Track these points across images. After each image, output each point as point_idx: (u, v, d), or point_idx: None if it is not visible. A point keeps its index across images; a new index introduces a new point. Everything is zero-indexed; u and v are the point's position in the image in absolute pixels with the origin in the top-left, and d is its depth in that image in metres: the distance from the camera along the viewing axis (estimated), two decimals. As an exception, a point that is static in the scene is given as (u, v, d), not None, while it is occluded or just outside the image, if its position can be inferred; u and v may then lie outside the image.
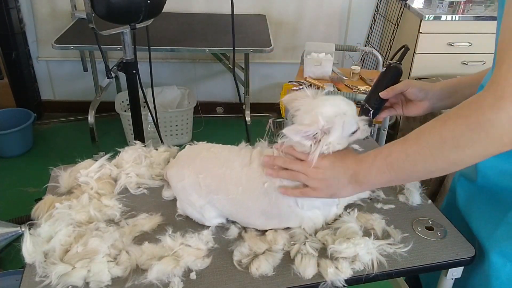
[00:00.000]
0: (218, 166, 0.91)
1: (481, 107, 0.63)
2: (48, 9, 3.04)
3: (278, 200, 0.87)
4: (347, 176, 0.80)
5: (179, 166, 0.95)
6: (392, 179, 0.76)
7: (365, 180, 0.78)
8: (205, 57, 3.19)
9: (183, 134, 2.98)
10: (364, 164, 0.78)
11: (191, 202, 0.92)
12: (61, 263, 0.79)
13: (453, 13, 2.72)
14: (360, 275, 0.82)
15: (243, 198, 0.88)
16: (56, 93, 3.38)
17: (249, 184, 0.88)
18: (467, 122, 0.64)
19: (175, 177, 0.95)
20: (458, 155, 0.67)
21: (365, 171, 0.78)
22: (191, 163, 0.94)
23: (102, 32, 1.70)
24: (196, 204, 0.91)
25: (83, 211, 0.92)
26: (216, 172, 0.90)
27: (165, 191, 1.02)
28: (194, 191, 0.91)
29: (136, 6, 1.54)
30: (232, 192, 0.88)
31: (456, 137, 0.65)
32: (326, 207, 0.91)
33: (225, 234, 0.92)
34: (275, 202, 0.88)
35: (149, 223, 0.93)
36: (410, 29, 2.79)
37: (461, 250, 0.88)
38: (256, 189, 0.88)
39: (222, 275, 0.82)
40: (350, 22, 3.21)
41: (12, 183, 2.60)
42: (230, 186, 0.89)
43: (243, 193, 0.88)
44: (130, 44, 1.75)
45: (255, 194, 0.88)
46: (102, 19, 1.57)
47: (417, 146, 0.70)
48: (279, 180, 0.87)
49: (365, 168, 0.78)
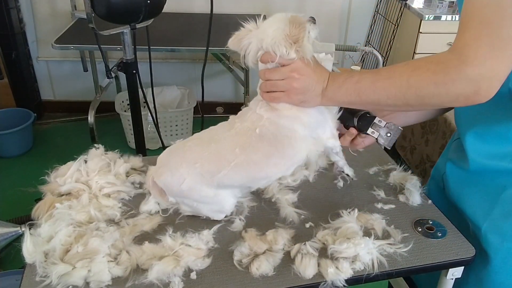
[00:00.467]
0: (206, 146, 0.90)
1: (447, 66, 0.72)
2: (48, 9, 3.04)
3: (276, 136, 0.88)
4: (320, 88, 0.86)
5: (170, 169, 0.90)
6: (355, 102, 0.84)
7: (333, 96, 0.86)
8: (205, 57, 3.19)
9: (183, 134, 2.98)
10: (335, 82, 0.85)
11: (204, 197, 0.90)
12: (61, 263, 0.79)
13: (453, 13, 2.72)
14: (360, 275, 0.82)
15: (245, 156, 0.88)
16: (56, 93, 3.38)
17: (242, 140, 0.88)
18: (433, 77, 0.73)
19: (173, 181, 0.89)
20: (416, 101, 0.77)
21: (334, 89, 0.85)
22: (181, 159, 0.90)
23: (102, 32, 1.70)
24: (210, 195, 0.89)
25: (83, 211, 0.92)
26: (208, 152, 0.89)
27: (145, 205, 0.96)
28: (201, 184, 0.89)
29: (136, 6, 1.54)
30: (231, 158, 0.88)
31: (420, 87, 0.75)
32: (320, 129, 0.93)
33: (230, 227, 0.92)
34: (274, 139, 0.88)
35: (149, 223, 0.92)
36: (410, 29, 2.79)
37: (461, 250, 0.88)
38: (251, 140, 0.88)
39: (222, 275, 0.82)
40: (350, 22, 3.21)
41: (12, 183, 2.60)
42: (227, 154, 0.88)
43: (241, 152, 0.88)
44: (130, 44, 1.76)
45: (253, 145, 0.88)
46: (102, 19, 1.57)
47: (385, 82, 0.79)
48: (267, 120, 0.89)
49: (336, 86, 0.85)
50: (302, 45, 0.84)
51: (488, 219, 0.87)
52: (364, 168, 1.13)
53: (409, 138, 2.66)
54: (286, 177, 1.06)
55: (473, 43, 0.69)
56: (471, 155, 0.89)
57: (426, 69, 0.74)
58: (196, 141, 0.93)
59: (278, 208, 0.99)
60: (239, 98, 3.39)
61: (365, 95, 0.82)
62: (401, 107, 0.82)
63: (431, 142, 2.41)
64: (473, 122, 0.88)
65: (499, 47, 0.68)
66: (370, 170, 1.12)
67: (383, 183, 1.08)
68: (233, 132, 0.90)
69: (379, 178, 1.10)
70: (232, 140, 0.89)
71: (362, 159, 1.17)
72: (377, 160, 1.16)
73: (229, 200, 0.93)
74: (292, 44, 0.84)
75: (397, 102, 0.79)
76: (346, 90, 0.84)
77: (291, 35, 0.83)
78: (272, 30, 0.85)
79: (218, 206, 0.92)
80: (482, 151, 0.87)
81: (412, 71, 0.76)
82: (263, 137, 0.88)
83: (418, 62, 0.77)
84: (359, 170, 1.12)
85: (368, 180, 1.09)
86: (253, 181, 0.93)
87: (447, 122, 2.26)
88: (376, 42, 3.20)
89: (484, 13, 0.68)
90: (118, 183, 1.02)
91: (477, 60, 0.68)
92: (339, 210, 0.95)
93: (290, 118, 0.89)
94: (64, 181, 0.99)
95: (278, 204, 1.00)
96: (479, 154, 0.88)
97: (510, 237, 0.85)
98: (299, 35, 0.83)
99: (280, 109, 0.89)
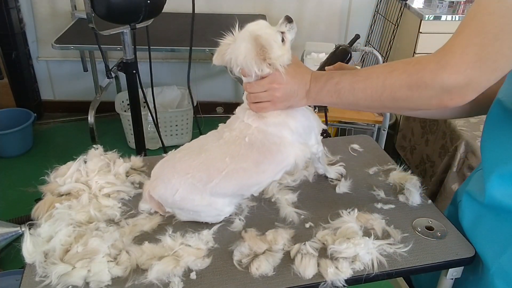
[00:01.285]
0: (196, 156, 0.91)
1: (423, 69, 0.71)
2: (48, 9, 3.04)
3: (264, 143, 0.89)
4: (304, 91, 0.87)
5: (163, 181, 0.91)
6: (337, 103, 0.84)
7: (316, 97, 0.87)
8: (205, 57, 3.19)
9: (183, 134, 2.98)
10: (317, 84, 0.85)
11: (198, 206, 0.90)
12: (61, 263, 0.79)
13: (453, 13, 2.72)
14: (360, 275, 0.82)
15: (235, 165, 0.89)
16: (56, 93, 3.38)
17: (232, 149, 0.89)
18: (408, 79, 0.72)
19: (167, 193, 0.90)
20: (392, 104, 0.77)
21: (317, 90, 0.86)
22: (172, 170, 0.91)
23: (102, 32, 1.70)
24: (204, 204, 0.90)
25: (83, 211, 0.92)
26: (199, 162, 0.90)
27: (143, 203, 0.97)
28: (194, 194, 0.90)
29: (136, 6, 1.54)
30: (222, 167, 0.89)
31: (395, 90, 0.74)
32: (306, 135, 0.94)
33: (230, 227, 0.92)
34: (263, 146, 0.89)
35: (149, 223, 0.93)
36: (410, 29, 2.79)
37: (461, 250, 0.88)
38: (240, 149, 0.89)
39: (222, 275, 0.82)
40: (350, 22, 3.21)
41: (12, 183, 2.60)
42: (218, 164, 0.89)
43: (231, 161, 0.89)
44: (130, 44, 1.76)
45: (242, 153, 0.89)
46: (102, 19, 1.57)
47: (363, 84, 0.79)
48: (256, 128, 0.90)
49: (318, 88, 0.86)
50: (272, 62, 0.84)
51: (497, 262, 0.83)
52: (364, 168, 1.13)
53: (409, 138, 2.66)
54: (286, 177, 1.06)
55: (459, 50, 0.67)
56: (490, 190, 0.84)
57: (402, 71, 0.74)
58: (186, 151, 0.94)
59: (278, 208, 0.99)
60: (239, 98, 3.39)
61: (345, 97, 0.82)
62: (379, 109, 0.83)
63: (431, 142, 2.41)
64: (501, 160, 0.83)
65: (486, 59, 0.66)
66: (370, 170, 1.12)
67: (383, 183, 1.08)
68: (222, 141, 0.92)
69: (379, 178, 1.10)
70: (222, 149, 0.90)
71: (362, 159, 1.17)
72: (377, 160, 1.16)
73: (226, 208, 0.93)
74: (263, 60, 0.85)
75: (373, 104, 0.79)
76: (327, 92, 0.84)
77: (259, 54, 0.84)
78: (243, 48, 0.85)
79: (214, 212, 0.93)
80: (502, 188, 0.82)
81: (389, 72, 0.76)
82: (252, 145, 0.90)
83: (397, 63, 0.76)
84: (359, 170, 1.12)
85: (368, 180, 1.09)
86: (244, 188, 0.94)
87: (447, 122, 2.26)
88: (376, 42, 3.20)
89: (485, 20, 0.66)
90: (118, 183, 1.02)
91: (457, 67, 0.67)
92: (339, 210, 0.95)
93: (278, 125, 0.90)
94: (63, 181, 0.99)
95: (278, 204, 1.00)
96: (498, 190, 0.83)
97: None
98: (265, 55, 0.84)
99: (267, 117, 0.90)
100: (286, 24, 0.89)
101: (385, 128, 2.24)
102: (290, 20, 0.90)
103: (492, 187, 0.84)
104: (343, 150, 1.20)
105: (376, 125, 2.23)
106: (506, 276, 0.82)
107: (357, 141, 1.24)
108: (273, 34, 0.87)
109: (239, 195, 0.95)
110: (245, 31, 0.88)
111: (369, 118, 2.21)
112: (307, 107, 0.95)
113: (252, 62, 0.84)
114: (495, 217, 0.85)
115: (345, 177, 1.08)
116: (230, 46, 0.88)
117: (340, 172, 1.10)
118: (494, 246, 0.85)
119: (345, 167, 1.12)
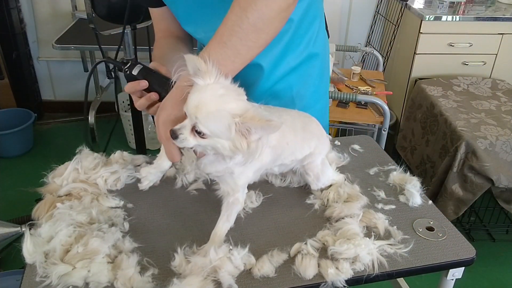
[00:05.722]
0: None
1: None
2: (48, 10, 3.04)
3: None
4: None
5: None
6: (241, 61, 0.82)
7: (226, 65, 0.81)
8: (206, 57, 3.19)
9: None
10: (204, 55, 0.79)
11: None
12: (61, 263, 0.78)
13: (454, 13, 2.72)
14: (361, 275, 0.82)
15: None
16: (56, 93, 3.39)
17: None
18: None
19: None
20: (263, 25, 0.80)
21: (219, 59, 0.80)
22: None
23: (103, 32, 1.70)
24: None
25: (84, 212, 0.92)
26: None
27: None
28: None
29: (136, 6, 1.54)
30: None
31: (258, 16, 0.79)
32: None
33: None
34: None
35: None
36: (411, 30, 2.79)
37: (462, 251, 0.88)
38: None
39: (223, 276, 0.82)
40: (350, 23, 3.21)
41: (12, 183, 2.60)
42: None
43: None
44: (130, 44, 1.76)
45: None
46: (103, 19, 1.58)
47: (234, 37, 0.80)
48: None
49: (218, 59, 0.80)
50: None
51: None
52: (364, 168, 1.13)
53: (410, 139, 2.66)
54: (288, 176, 1.06)
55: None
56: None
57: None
58: None
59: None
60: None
61: (241, 56, 0.81)
62: (262, 45, 0.84)
63: (431, 142, 2.41)
64: None
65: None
66: (370, 171, 1.12)
67: (383, 183, 1.08)
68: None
69: (379, 179, 1.10)
70: None
71: (362, 159, 1.17)
72: (377, 161, 1.16)
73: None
74: None
75: (250, 36, 0.80)
76: (217, 61, 0.78)
77: None
78: None
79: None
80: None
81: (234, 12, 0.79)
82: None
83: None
84: (359, 171, 1.12)
85: (368, 180, 1.09)
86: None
87: (447, 122, 2.26)
88: (376, 43, 3.20)
89: None
90: (122, 171, 1.03)
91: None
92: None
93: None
94: (62, 181, 0.99)
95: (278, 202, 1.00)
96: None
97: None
98: None
99: None
100: None
101: (385, 128, 2.24)
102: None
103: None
104: (344, 150, 1.20)
105: (377, 126, 2.23)
106: None
107: (358, 141, 1.24)
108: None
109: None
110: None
111: (369, 119, 2.22)
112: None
113: None
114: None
115: (346, 178, 1.08)
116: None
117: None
118: None
119: (345, 167, 1.12)
